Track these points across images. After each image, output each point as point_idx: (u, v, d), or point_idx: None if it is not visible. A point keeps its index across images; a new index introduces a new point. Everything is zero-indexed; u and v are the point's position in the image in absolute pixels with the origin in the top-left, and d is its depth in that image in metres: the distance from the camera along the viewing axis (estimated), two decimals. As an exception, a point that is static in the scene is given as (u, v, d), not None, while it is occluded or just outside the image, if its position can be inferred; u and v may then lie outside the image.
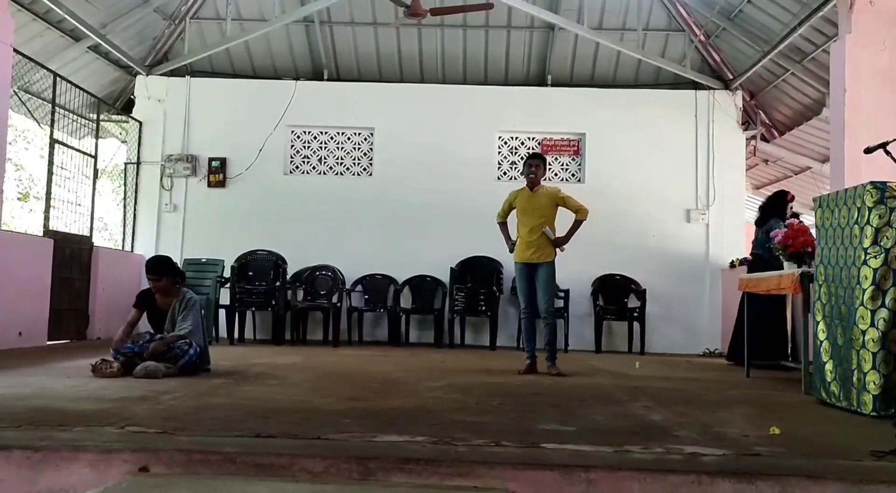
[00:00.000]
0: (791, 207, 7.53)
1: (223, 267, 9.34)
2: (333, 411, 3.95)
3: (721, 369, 7.52)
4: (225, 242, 9.68)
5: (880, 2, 6.42)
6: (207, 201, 10.10)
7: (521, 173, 6.53)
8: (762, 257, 7.08)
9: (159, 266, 5.59)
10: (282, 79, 10.40)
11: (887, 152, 4.65)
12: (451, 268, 9.50)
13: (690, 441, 3.26)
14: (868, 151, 4.76)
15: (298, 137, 10.35)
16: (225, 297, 9.26)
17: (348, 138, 10.33)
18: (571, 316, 9.38)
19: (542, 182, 6.41)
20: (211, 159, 10.12)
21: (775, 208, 7.44)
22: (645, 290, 9.53)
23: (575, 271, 9.13)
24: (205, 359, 5.58)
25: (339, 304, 9.36)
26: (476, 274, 9.64)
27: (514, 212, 6.45)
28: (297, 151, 10.35)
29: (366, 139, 10.30)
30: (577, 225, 6.27)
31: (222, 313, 9.15)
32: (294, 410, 3.96)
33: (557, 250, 6.25)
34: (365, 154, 10.29)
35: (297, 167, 10.34)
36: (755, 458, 2.95)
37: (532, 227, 6.22)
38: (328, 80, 10.48)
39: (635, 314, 9.47)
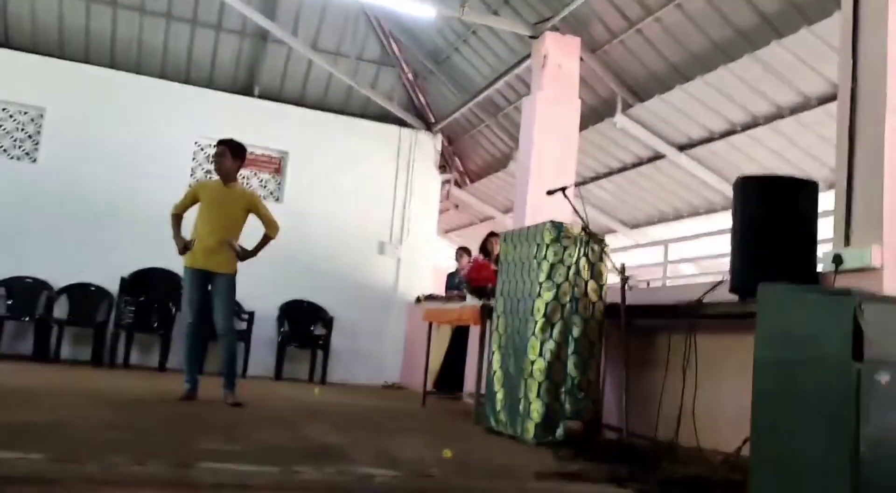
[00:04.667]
0: (494, 243, 7.59)
1: None
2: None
3: (399, 398, 7.55)
4: None
5: (567, 65, 7.10)
6: None
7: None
8: None
9: None
10: (-71, 32, 8.62)
11: (565, 195, 5.04)
12: (122, 277, 8.47)
13: (364, 463, 3.04)
14: (550, 193, 5.11)
15: (-59, 102, 8.60)
16: None
17: (10, 116, 8.80)
18: (254, 341, 8.85)
19: (240, 184, 5.76)
20: None
21: (482, 250, 7.68)
22: (332, 318, 9.37)
23: (262, 293, 8.67)
24: None
25: (-29, 308, 7.83)
26: (152, 287, 8.67)
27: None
28: (-61, 121, 8.60)
29: (33, 120, 8.85)
30: (265, 241, 5.54)
31: None
32: None
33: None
34: (30, 137, 8.83)
35: (-65, 140, 8.57)
36: (428, 479, 2.82)
37: (216, 227, 5.32)
38: (-6, 44, 8.92)
39: (320, 342, 9.24)
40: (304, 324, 9.42)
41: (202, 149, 9.52)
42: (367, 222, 10.02)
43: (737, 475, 3.07)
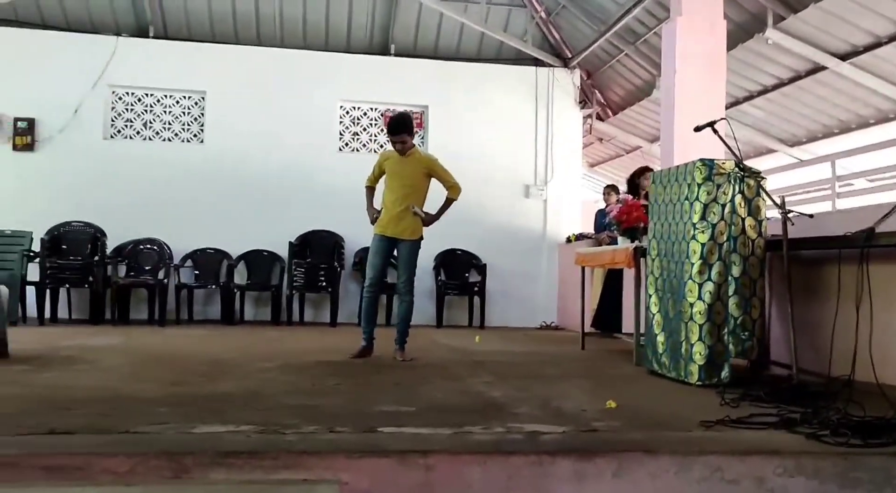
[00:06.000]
0: (641, 179, 7.40)
1: (31, 240, 8.37)
2: (149, 399, 3.56)
3: (558, 341, 7.68)
4: (34, 212, 8.68)
5: (708, -15, 6.71)
6: (13, 167, 9.01)
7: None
8: None
9: None
10: (101, 34, 9.43)
11: (714, 131, 4.84)
12: (290, 242, 9.08)
13: (530, 418, 3.19)
14: (698, 129, 4.92)
15: (120, 98, 9.46)
16: (34, 273, 8.32)
17: (177, 102, 9.56)
18: (414, 291, 9.24)
19: (419, 148, 5.88)
20: (17, 119, 9.01)
21: (630, 186, 7.49)
22: (485, 265, 9.59)
23: None
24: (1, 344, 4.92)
25: (165, 280, 8.69)
26: (316, 249, 9.29)
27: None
28: (119, 114, 9.46)
29: (196, 103, 9.58)
30: (448, 204, 5.71)
31: (31, 290, 8.22)
32: (102, 399, 3.53)
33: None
34: (196, 119, 9.58)
35: (118, 131, 9.46)
36: (593, 434, 2.91)
37: (399, 196, 5.54)
38: (154, 37, 9.63)
39: (476, 289, 9.51)
40: (460, 272, 9.73)
41: (347, 112, 9.90)
42: (512, 167, 10.08)
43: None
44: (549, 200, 10.14)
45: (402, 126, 5.56)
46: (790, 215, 4.34)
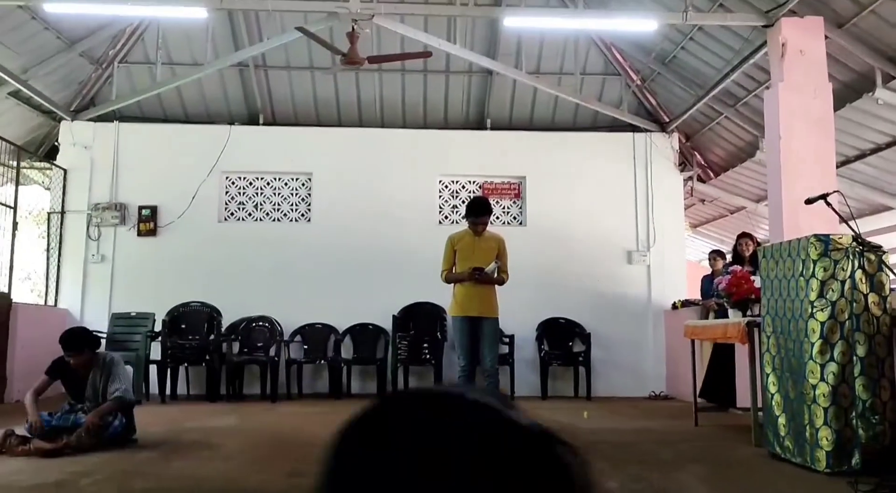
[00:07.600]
0: (743, 245, 7.24)
1: (154, 321, 8.89)
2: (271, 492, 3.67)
3: (670, 414, 7.43)
4: (156, 294, 9.23)
5: (809, 50, 6.53)
6: (137, 251, 9.65)
7: (466, 218, 5.92)
8: None
9: (77, 341, 5.06)
10: (216, 124, 10.10)
11: (828, 204, 4.70)
12: (394, 315, 9.26)
13: (650, 518, 3.11)
14: (809, 201, 4.79)
15: (233, 183, 10.03)
16: (156, 352, 8.80)
17: (285, 184, 10.06)
18: (517, 362, 9.22)
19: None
20: (141, 208, 9.70)
21: (734, 256, 7.28)
22: (590, 333, 9.45)
23: (519, 315, 9.00)
24: (130, 429, 5.19)
25: (276, 357, 8.98)
26: (419, 321, 9.40)
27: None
28: (232, 198, 10.02)
29: (304, 185, 10.05)
30: (497, 281, 5.76)
31: (153, 369, 8.67)
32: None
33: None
34: (303, 200, 10.03)
35: (231, 214, 10.00)
36: (719, 538, 2.81)
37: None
38: (264, 124, 10.23)
39: (580, 358, 9.35)
40: (563, 341, 9.61)
41: (446, 186, 10.13)
42: (612, 233, 9.99)
43: None
44: (652, 265, 9.96)
45: (487, 208, 5.84)
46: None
